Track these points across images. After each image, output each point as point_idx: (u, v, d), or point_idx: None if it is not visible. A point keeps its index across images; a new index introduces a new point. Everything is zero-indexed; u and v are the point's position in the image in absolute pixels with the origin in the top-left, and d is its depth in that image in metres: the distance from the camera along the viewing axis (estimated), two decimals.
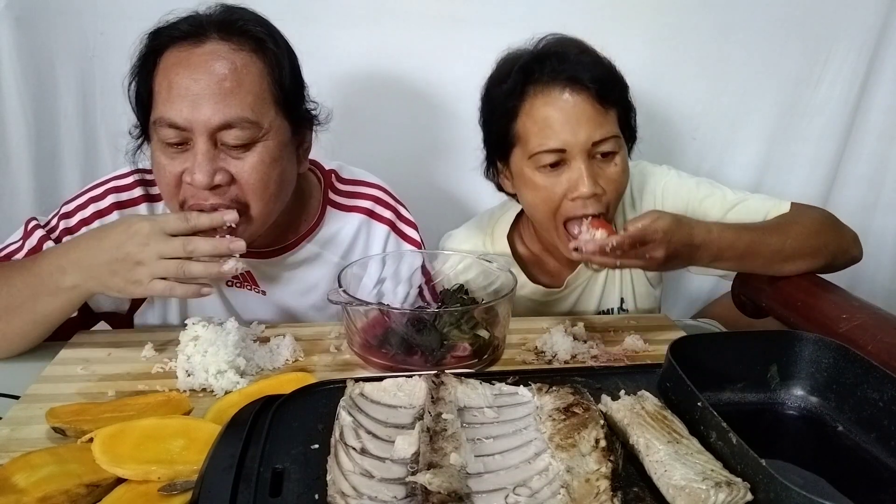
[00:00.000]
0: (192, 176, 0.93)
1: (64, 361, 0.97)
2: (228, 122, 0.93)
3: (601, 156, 1.08)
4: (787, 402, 0.78)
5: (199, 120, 0.92)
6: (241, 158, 0.96)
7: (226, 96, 0.93)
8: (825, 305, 1.05)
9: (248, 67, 0.96)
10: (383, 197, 1.22)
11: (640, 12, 1.53)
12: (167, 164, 0.96)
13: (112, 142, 1.52)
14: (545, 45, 1.13)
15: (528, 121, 1.08)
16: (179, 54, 0.95)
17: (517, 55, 1.13)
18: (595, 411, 0.67)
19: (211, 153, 0.94)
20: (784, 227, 1.11)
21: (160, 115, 0.94)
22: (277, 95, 0.99)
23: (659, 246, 0.97)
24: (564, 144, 1.06)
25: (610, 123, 1.08)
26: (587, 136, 1.06)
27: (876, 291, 1.72)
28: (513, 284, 1.02)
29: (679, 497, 0.56)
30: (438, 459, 0.58)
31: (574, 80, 1.06)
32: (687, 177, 1.26)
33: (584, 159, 1.06)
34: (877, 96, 1.63)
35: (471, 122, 1.21)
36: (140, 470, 0.69)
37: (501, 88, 1.11)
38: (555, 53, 1.09)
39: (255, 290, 1.15)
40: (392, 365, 0.95)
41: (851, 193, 1.71)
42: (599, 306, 1.30)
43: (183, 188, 0.96)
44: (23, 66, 1.42)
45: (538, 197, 1.11)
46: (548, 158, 1.07)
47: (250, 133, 0.95)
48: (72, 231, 1.08)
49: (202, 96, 0.92)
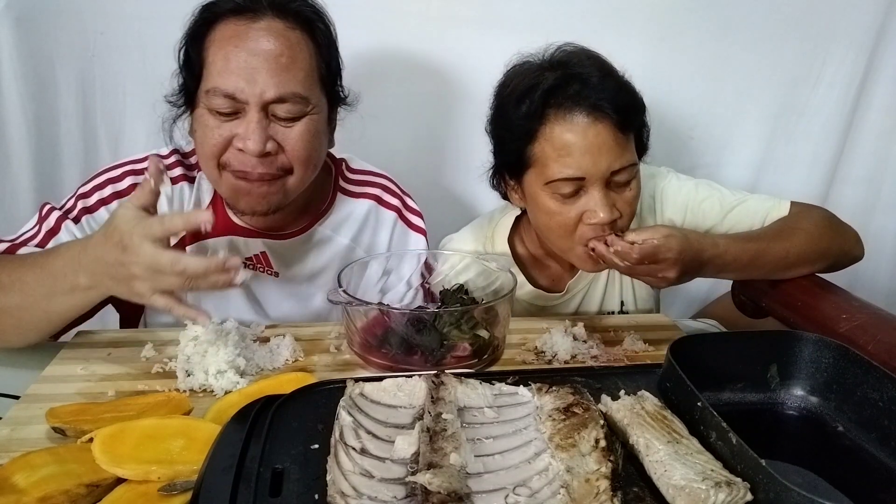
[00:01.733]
0: (245, 143, 0.98)
1: (64, 361, 0.97)
2: (282, 97, 0.98)
3: (620, 183, 1.06)
4: (787, 402, 0.78)
5: (255, 93, 0.97)
6: (289, 128, 1.01)
7: (281, 72, 0.98)
8: (825, 305, 1.05)
9: (300, 45, 1.01)
10: (390, 186, 1.26)
11: (639, 12, 1.53)
12: (216, 126, 0.99)
13: (112, 142, 1.52)
14: (562, 57, 1.08)
15: (546, 146, 1.04)
16: (237, 27, 0.98)
17: (532, 70, 1.08)
18: (595, 411, 0.67)
19: (263, 123, 0.98)
20: (787, 233, 1.10)
21: (215, 84, 0.97)
22: (323, 74, 1.05)
23: (672, 266, 0.97)
24: (584, 173, 1.03)
25: (630, 151, 1.06)
26: (607, 166, 1.02)
27: (876, 291, 1.72)
28: (513, 284, 1.02)
29: (679, 497, 0.56)
30: (438, 459, 0.58)
31: (597, 108, 1.02)
32: (685, 179, 1.25)
33: (601, 187, 1.03)
34: (875, 96, 1.63)
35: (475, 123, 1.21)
36: (140, 470, 0.69)
37: (520, 109, 1.06)
38: (577, 76, 1.04)
39: (268, 272, 1.18)
40: (392, 365, 0.95)
41: (850, 193, 1.72)
42: (600, 310, 1.30)
43: (228, 153, 1.00)
44: (23, 66, 1.42)
45: (553, 221, 1.08)
46: (566, 187, 1.04)
47: (300, 107, 1.01)
48: (90, 210, 1.08)
49: (259, 70, 0.97)
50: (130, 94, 1.50)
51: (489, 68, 1.16)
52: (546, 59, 1.09)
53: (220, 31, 0.99)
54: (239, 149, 0.99)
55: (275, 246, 1.17)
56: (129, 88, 1.49)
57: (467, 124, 1.25)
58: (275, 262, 1.18)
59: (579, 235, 1.06)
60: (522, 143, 1.07)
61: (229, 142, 1.00)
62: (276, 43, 0.98)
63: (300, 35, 1.01)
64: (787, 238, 1.09)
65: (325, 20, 1.05)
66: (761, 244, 1.07)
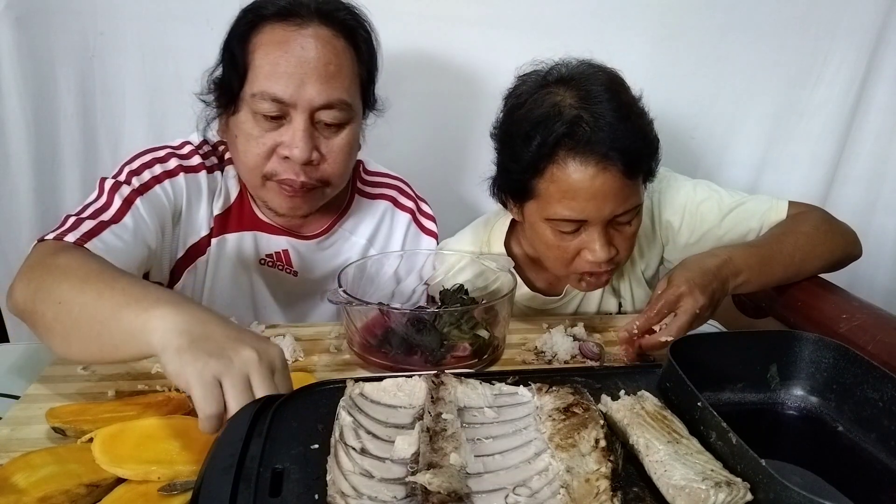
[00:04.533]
0: (292, 150, 1.00)
1: (64, 361, 0.97)
2: (330, 103, 1.00)
3: (621, 223, 1.05)
4: (787, 402, 0.78)
5: (305, 98, 0.99)
6: (331, 138, 1.04)
7: (329, 79, 1.00)
8: (825, 305, 1.05)
9: (346, 53, 1.03)
10: (405, 188, 1.29)
11: (640, 12, 1.53)
12: (259, 136, 1.01)
13: (112, 142, 1.52)
14: (579, 84, 1.01)
15: (551, 185, 1.01)
16: (285, 33, 0.99)
17: (546, 95, 1.02)
18: (595, 411, 0.67)
19: (310, 130, 1.01)
20: (789, 236, 1.10)
21: (263, 88, 0.98)
22: (363, 81, 1.08)
23: (691, 295, 0.94)
24: (586, 217, 1.01)
25: (636, 194, 1.03)
26: (611, 211, 1.01)
27: (876, 291, 1.72)
28: (512, 284, 1.02)
29: (679, 497, 0.56)
30: (438, 459, 0.58)
31: (607, 158, 0.98)
32: (684, 180, 1.24)
33: (601, 227, 1.03)
34: (876, 96, 1.63)
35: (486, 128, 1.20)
36: (140, 470, 0.69)
37: (529, 143, 1.01)
38: (592, 118, 0.98)
39: (287, 270, 1.19)
40: (392, 365, 0.95)
41: (850, 193, 1.71)
42: (599, 310, 1.29)
43: (272, 162, 1.02)
44: (23, 66, 1.42)
45: (550, 252, 1.08)
46: (566, 227, 1.03)
47: (345, 114, 1.03)
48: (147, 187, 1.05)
49: (309, 76, 0.98)
50: (130, 94, 1.50)
51: (500, 70, 1.14)
52: (562, 83, 1.03)
53: (266, 34, 1.00)
54: (284, 157, 1.01)
55: (297, 245, 1.18)
56: (129, 88, 1.49)
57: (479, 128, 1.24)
58: (295, 261, 1.19)
59: (575, 267, 1.07)
60: (528, 175, 1.03)
61: (273, 151, 1.01)
62: (324, 51, 1.00)
63: (345, 44, 1.03)
64: (789, 240, 1.09)
65: (367, 28, 1.07)
66: (764, 249, 1.07)
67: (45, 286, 0.80)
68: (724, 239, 1.17)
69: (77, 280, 0.79)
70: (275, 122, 1.00)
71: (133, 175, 1.06)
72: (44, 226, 1.53)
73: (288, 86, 0.98)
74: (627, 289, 1.29)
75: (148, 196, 1.04)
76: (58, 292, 0.79)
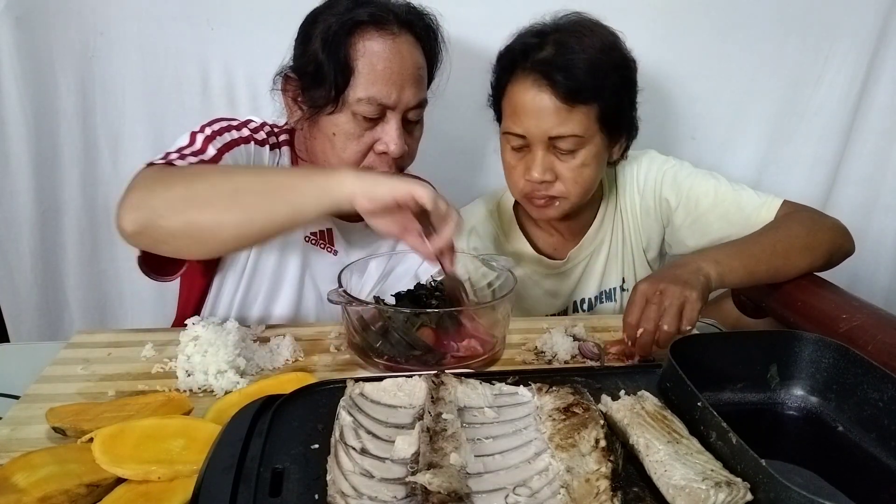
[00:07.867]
0: (389, 146, 1.10)
1: (64, 361, 0.97)
2: (419, 104, 1.13)
3: (562, 149, 1.14)
4: (787, 402, 0.78)
5: (403, 100, 1.10)
6: (412, 133, 1.16)
7: (420, 82, 1.13)
8: (825, 305, 1.05)
9: (423, 58, 1.14)
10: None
11: (641, 12, 1.53)
12: (359, 135, 1.11)
13: (112, 142, 1.52)
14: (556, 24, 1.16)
15: (506, 103, 1.18)
16: (384, 42, 1.08)
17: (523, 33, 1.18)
18: (595, 411, 0.67)
19: (402, 128, 1.11)
20: (775, 229, 1.12)
21: (370, 94, 1.08)
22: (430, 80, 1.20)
23: (651, 284, 0.96)
24: (525, 132, 1.14)
25: (573, 122, 1.12)
26: (544, 131, 1.12)
27: (876, 291, 1.72)
28: (513, 284, 1.02)
29: (679, 497, 0.56)
30: (438, 459, 0.58)
31: (546, 76, 1.10)
32: (691, 166, 1.28)
33: (542, 148, 1.15)
34: (877, 96, 1.63)
35: None
36: (140, 470, 0.69)
37: (499, 65, 1.20)
38: (549, 43, 1.12)
39: (328, 250, 1.24)
40: (392, 365, 0.94)
41: (851, 193, 1.71)
42: (601, 286, 1.32)
43: (369, 158, 1.13)
44: (23, 66, 1.42)
45: (506, 169, 1.23)
46: (514, 141, 1.17)
47: (421, 111, 1.15)
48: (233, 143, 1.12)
49: (406, 81, 1.10)
50: (130, 94, 1.50)
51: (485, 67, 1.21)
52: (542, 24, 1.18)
53: (366, 44, 1.08)
54: (381, 152, 1.11)
55: (341, 225, 1.24)
56: (129, 88, 1.49)
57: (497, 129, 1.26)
58: (337, 241, 1.24)
59: (523, 188, 1.20)
60: (497, 96, 1.21)
61: (370, 147, 1.12)
62: (416, 57, 1.11)
63: (422, 49, 1.14)
64: (770, 233, 1.11)
65: (440, 36, 1.17)
66: (740, 241, 1.10)
67: (186, 181, 0.94)
68: (713, 226, 1.21)
69: (225, 169, 1.02)
70: (372, 122, 1.10)
71: (216, 134, 1.12)
72: (44, 226, 1.53)
73: (391, 92, 1.08)
74: (630, 266, 1.34)
75: (233, 153, 1.11)
76: (207, 178, 0.95)
